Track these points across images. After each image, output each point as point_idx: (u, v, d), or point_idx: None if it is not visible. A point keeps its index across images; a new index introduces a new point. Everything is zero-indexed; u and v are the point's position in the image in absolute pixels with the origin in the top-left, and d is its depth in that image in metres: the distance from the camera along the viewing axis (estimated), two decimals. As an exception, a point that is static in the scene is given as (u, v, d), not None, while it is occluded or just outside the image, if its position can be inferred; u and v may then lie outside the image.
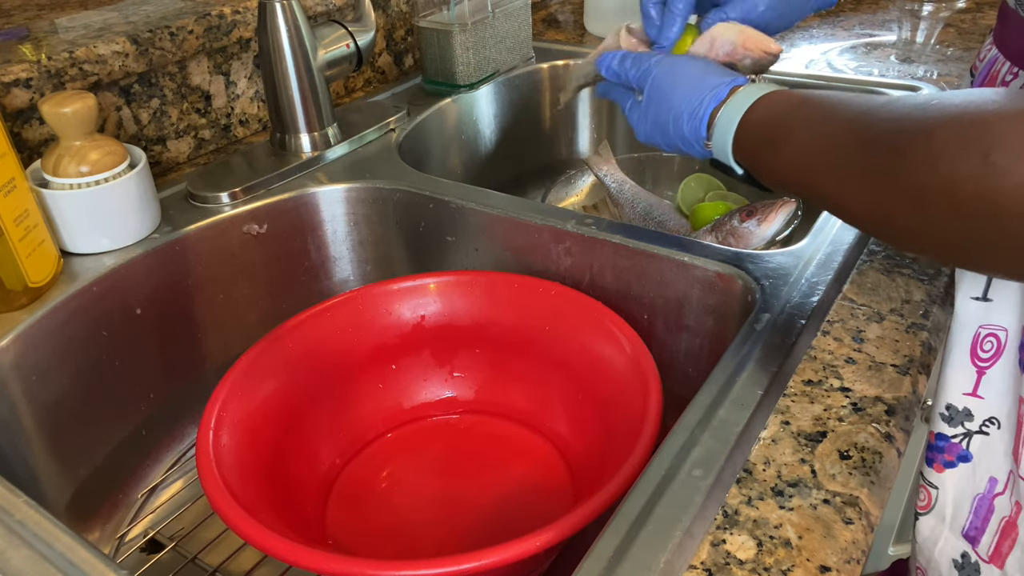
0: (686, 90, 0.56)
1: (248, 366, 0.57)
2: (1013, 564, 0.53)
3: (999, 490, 0.54)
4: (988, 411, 0.54)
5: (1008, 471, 0.53)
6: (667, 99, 0.57)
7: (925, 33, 1.06)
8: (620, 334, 0.58)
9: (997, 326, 0.52)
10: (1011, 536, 0.53)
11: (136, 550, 0.63)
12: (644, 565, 0.37)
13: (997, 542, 0.54)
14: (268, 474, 0.54)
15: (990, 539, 0.55)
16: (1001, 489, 0.54)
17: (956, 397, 0.55)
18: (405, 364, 0.67)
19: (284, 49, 0.73)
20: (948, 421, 0.56)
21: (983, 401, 0.54)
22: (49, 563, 0.38)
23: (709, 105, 0.54)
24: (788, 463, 0.42)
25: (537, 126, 1.04)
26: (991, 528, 0.54)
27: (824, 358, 0.49)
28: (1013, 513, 0.53)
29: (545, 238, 0.66)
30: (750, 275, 0.57)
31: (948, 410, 0.56)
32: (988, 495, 0.55)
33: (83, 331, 0.61)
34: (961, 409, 0.55)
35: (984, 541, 0.55)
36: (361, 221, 0.76)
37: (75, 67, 0.68)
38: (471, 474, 0.63)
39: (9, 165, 0.56)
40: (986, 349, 0.53)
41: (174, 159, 0.79)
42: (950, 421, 0.56)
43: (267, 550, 0.44)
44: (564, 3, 1.26)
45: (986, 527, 0.55)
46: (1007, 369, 0.52)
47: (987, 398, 0.54)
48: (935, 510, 0.58)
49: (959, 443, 0.56)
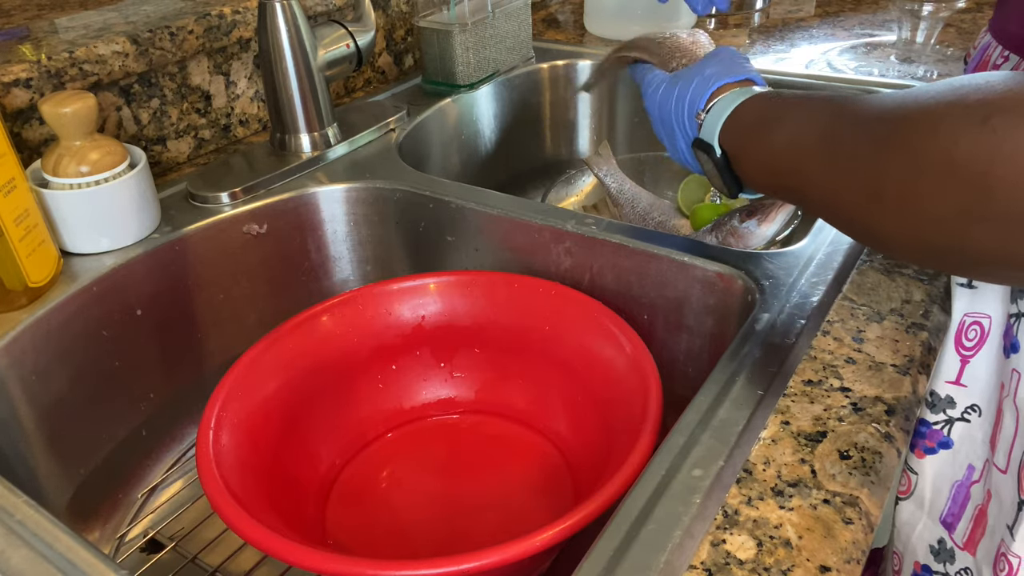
0: (714, 66, 0.57)
1: (248, 366, 0.57)
2: (982, 552, 0.53)
3: (975, 478, 0.55)
4: (970, 399, 0.55)
5: (984, 459, 0.54)
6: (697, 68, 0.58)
7: (925, 33, 1.06)
8: (620, 334, 0.58)
9: (981, 314, 0.53)
10: (982, 524, 0.53)
11: (136, 550, 0.63)
12: (644, 565, 0.37)
13: (971, 529, 0.55)
14: (268, 474, 0.54)
15: (965, 526, 0.55)
16: (977, 477, 0.55)
17: (939, 385, 0.56)
18: (405, 364, 0.67)
19: (284, 49, 0.73)
20: (931, 408, 0.56)
21: (965, 389, 0.55)
22: (49, 563, 0.38)
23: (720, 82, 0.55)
24: (788, 463, 0.42)
25: (537, 126, 1.04)
26: (967, 515, 0.55)
27: (824, 358, 0.49)
28: (984, 501, 0.53)
29: (545, 238, 0.66)
30: (750, 275, 0.57)
31: (931, 396, 0.56)
32: (966, 482, 0.55)
33: (83, 331, 0.61)
34: (944, 397, 0.56)
35: (960, 528, 0.56)
36: (361, 221, 0.76)
37: (75, 67, 0.68)
38: (471, 474, 0.63)
39: (9, 165, 0.56)
40: (970, 338, 0.53)
41: (174, 159, 0.79)
42: (932, 408, 0.56)
43: (267, 550, 0.44)
44: (564, 3, 1.26)
45: (962, 514, 0.56)
46: (990, 356, 0.53)
47: (970, 386, 0.54)
48: (914, 495, 0.59)
49: (940, 430, 0.56)
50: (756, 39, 1.06)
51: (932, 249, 0.38)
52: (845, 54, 0.99)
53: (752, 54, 1.00)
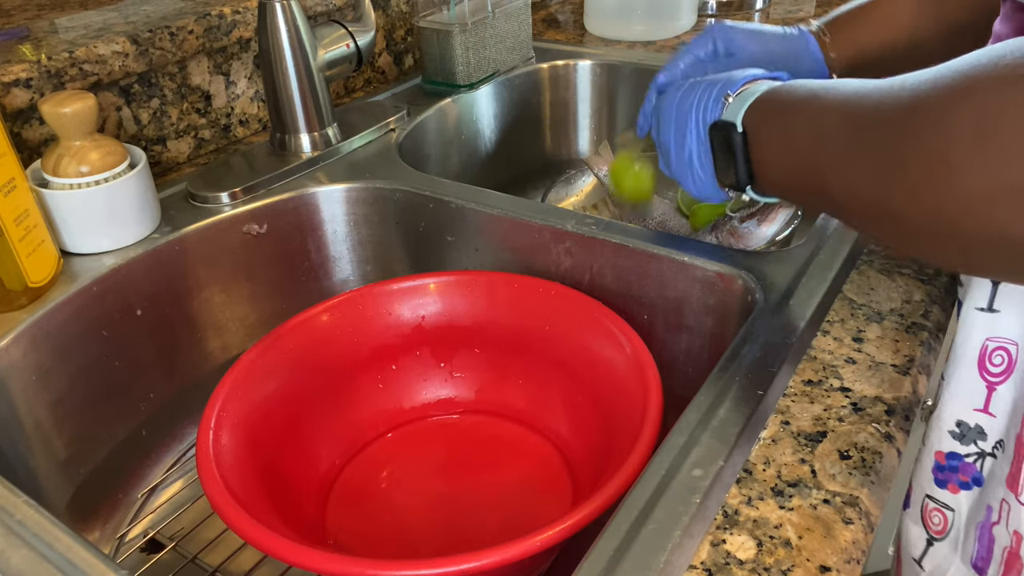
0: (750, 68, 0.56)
1: (248, 366, 0.57)
2: None
3: (994, 519, 0.51)
4: (998, 432, 0.51)
5: (1000, 498, 0.50)
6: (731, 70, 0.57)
7: (925, 33, 1.06)
8: (620, 334, 0.58)
9: (1006, 339, 0.49)
10: (1015, 568, 0.50)
11: (136, 550, 0.63)
12: (644, 565, 0.37)
13: (1002, 574, 0.51)
14: (268, 474, 0.54)
15: (996, 570, 0.52)
16: (996, 518, 0.51)
17: (967, 413, 0.52)
18: (405, 364, 0.67)
19: (284, 49, 0.73)
20: (960, 439, 0.52)
21: (995, 420, 0.51)
22: (49, 563, 0.38)
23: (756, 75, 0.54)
24: (788, 463, 0.42)
25: (537, 126, 1.04)
26: (995, 558, 0.52)
27: (824, 358, 0.49)
28: (1014, 544, 0.50)
29: (545, 238, 0.66)
30: (750, 275, 0.57)
31: (959, 427, 0.52)
32: (987, 523, 0.52)
33: (83, 331, 0.61)
34: (973, 426, 0.52)
35: (991, 573, 0.52)
36: (361, 221, 0.76)
37: (75, 67, 0.68)
38: (471, 474, 0.63)
39: (9, 165, 0.56)
40: (996, 363, 0.50)
41: (174, 159, 0.79)
42: (962, 439, 0.52)
43: (267, 550, 0.44)
44: (564, 3, 1.26)
45: (991, 558, 0.52)
46: (1017, 386, 0.49)
47: (998, 416, 0.51)
48: (950, 536, 0.55)
49: (973, 463, 0.52)
50: (756, 39, 1.06)
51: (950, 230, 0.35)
52: (845, 54, 0.99)
53: (752, 54, 1.00)
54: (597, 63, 1.02)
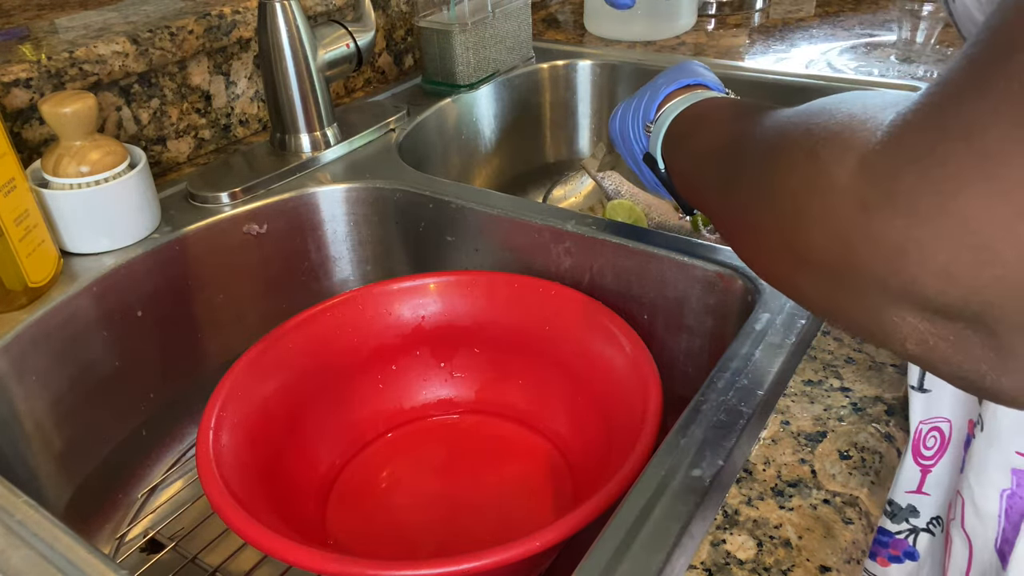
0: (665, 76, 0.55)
1: (248, 366, 0.57)
2: None
3: None
4: (933, 509, 0.49)
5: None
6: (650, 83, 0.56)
7: (925, 33, 1.06)
8: (620, 334, 0.58)
9: (939, 418, 0.47)
10: None
11: (136, 550, 0.63)
12: (644, 565, 0.37)
13: None
14: (268, 474, 0.54)
15: None
16: None
17: (899, 495, 0.50)
18: (405, 364, 0.67)
19: (284, 49, 0.73)
20: (891, 517, 0.51)
21: (929, 498, 0.49)
22: (49, 563, 0.38)
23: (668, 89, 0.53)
24: (788, 463, 0.42)
25: (537, 126, 1.04)
26: None
27: (824, 358, 0.49)
28: None
29: (545, 238, 0.66)
30: (750, 275, 0.57)
31: (891, 506, 0.51)
32: None
33: (83, 331, 0.61)
34: (905, 507, 0.50)
35: None
36: (361, 221, 0.76)
37: (75, 67, 0.68)
38: (471, 474, 0.63)
39: (9, 165, 0.56)
40: (929, 446, 0.48)
41: (174, 159, 0.79)
42: (893, 517, 0.51)
43: (267, 550, 0.44)
44: (564, 3, 1.26)
45: None
46: (951, 464, 0.48)
47: (933, 495, 0.49)
48: None
49: (905, 539, 0.51)
50: (756, 39, 1.06)
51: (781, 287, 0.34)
52: (845, 54, 0.99)
53: (752, 54, 1.00)
54: (597, 63, 1.02)
